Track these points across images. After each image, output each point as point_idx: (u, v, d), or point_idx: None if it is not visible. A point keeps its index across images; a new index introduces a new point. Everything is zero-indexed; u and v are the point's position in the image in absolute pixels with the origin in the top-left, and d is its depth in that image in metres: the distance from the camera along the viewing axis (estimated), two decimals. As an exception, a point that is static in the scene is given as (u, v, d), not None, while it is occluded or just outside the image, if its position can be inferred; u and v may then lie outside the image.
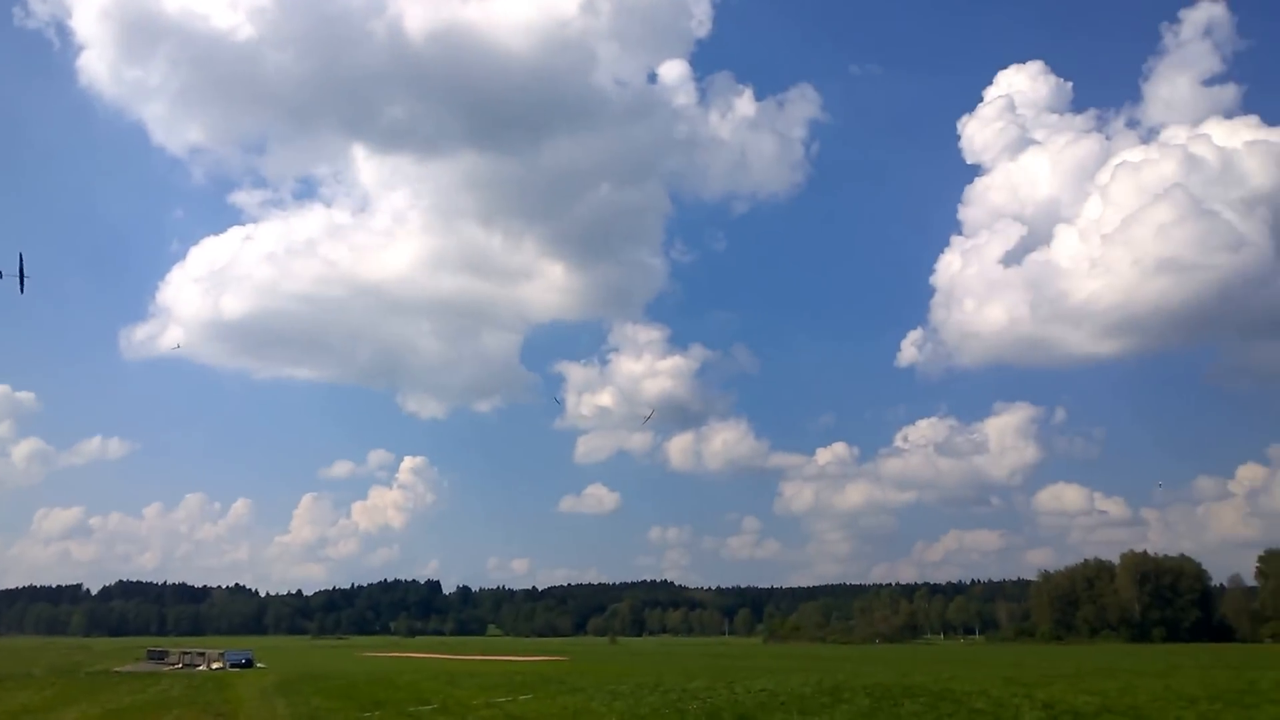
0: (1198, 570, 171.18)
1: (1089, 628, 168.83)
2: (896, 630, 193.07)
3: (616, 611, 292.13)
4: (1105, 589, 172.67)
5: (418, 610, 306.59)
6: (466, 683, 43.02)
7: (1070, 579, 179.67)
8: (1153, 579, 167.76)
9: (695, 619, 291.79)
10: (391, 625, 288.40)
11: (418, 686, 40.88)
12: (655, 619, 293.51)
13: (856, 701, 29.06)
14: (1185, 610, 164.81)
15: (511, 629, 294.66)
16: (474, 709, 29.97)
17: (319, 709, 31.79)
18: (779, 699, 30.36)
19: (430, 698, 34.54)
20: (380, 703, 32.92)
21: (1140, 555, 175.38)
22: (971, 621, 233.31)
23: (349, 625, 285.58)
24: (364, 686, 41.77)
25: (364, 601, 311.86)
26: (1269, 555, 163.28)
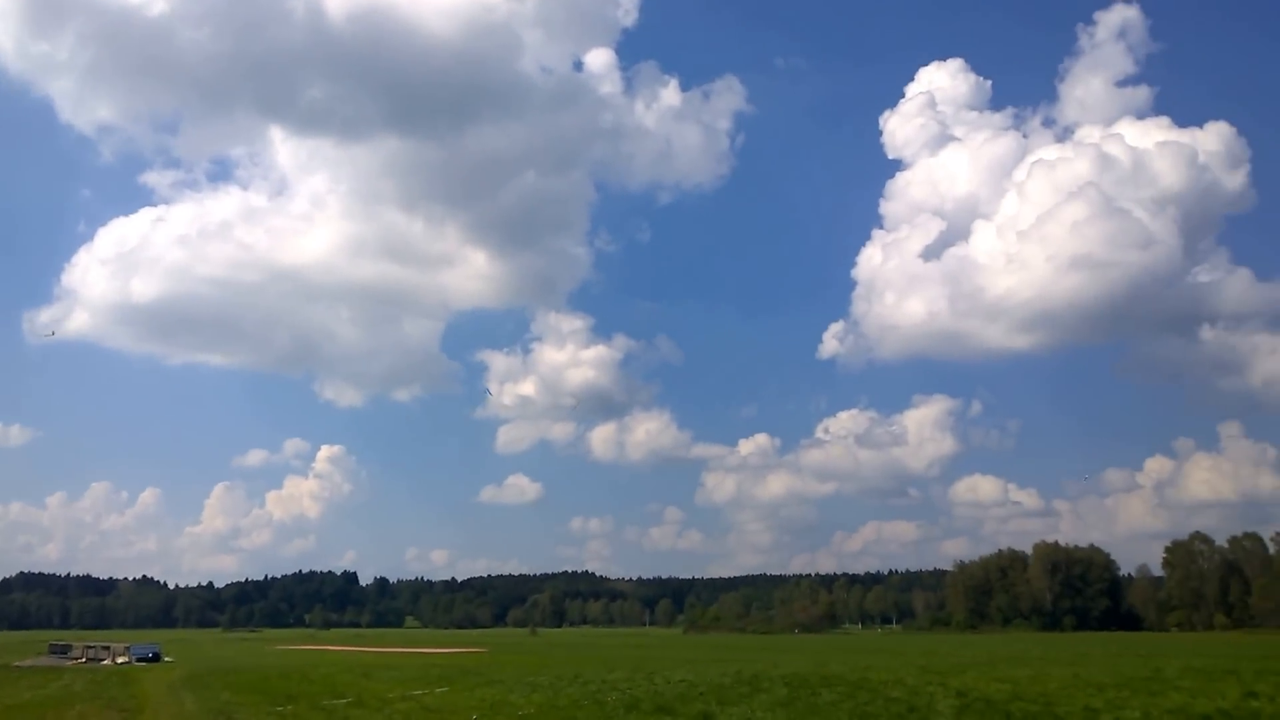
0: (1107, 560, 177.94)
1: (1002, 617, 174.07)
2: (815, 620, 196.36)
3: (537, 602, 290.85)
4: (1018, 579, 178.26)
5: (333, 602, 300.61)
6: (382, 675, 42.09)
7: (984, 569, 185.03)
8: (1063, 569, 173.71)
9: (616, 610, 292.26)
10: (306, 618, 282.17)
11: (332, 679, 39.84)
12: (576, 610, 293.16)
13: (774, 691, 29.16)
14: (1094, 599, 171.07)
15: (430, 621, 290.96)
16: (390, 702, 29.25)
17: (229, 703, 30.70)
18: (698, 689, 30.31)
19: (345, 691, 33.67)
20: (293, 696, 31.96)
21: (1052, 545, 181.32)
22: (889, 611, 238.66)
23: (262, 618, 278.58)
24: (276, 680, 40.55)
25: (278, 593, 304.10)
26: (1175, 546, 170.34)
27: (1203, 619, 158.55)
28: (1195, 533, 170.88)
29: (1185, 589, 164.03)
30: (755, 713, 23.81)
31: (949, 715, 22.62)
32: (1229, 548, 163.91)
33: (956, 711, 23.35)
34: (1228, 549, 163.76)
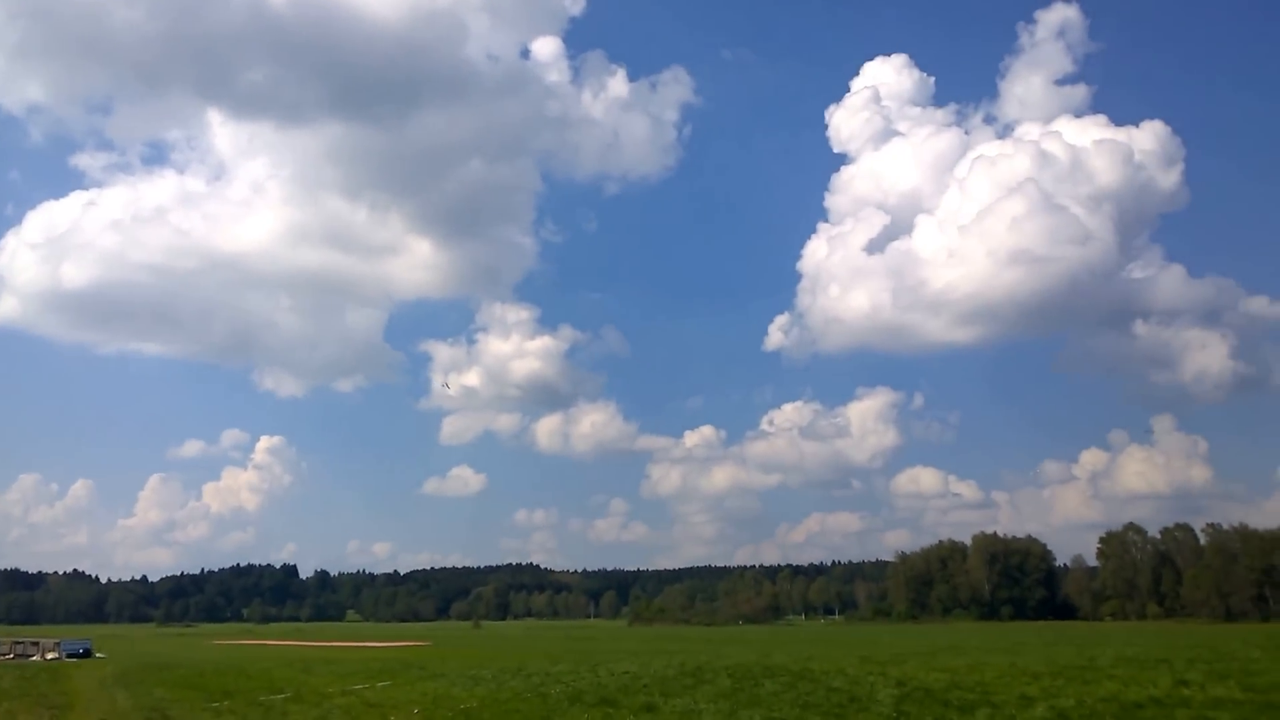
0: (1043, 551, 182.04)
1: (942, 607, 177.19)
2: (759, 611, 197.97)
3: (481, 595, 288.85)
4: (958, 569, 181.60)
5: (272, 596, 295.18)
6: (322, 670, 41.35)
7: (925, 560, 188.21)
8: (1001, 559, 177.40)
9: (561, 602, 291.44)
10: (244, 612, 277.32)
11: (270, 674, 39.01)
12: (520, 602, 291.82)
13: (718, 682, 29.21)
14: (1031, 589, 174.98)
15: (372, 614, 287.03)
16: (330, 697, 28.71)
17: (163, 700, 29.86)
18: (642, 681, 30.23)
19: (284, 686, 32.99)
20: (230, 692, 31.19)
21: (990, 536, 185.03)
22: (832, 602, 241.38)
23: (198, 612, 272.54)
24: (212, 675, 39.58)
25: (215, 587, 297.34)
26: (1109, 537, 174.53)
27: (1136, 608, 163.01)
28: (1129, 524, 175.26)
29: (1119, 579, 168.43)
30: (699, 704, 23.77)
31: (889, 704, 22.80)
32: (1161, 539, 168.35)
33: (896, 700, 23.55)
34: (1160, 540, 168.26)
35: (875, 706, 22.60)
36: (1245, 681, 27.43)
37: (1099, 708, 21.69)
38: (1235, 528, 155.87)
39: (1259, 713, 20.73)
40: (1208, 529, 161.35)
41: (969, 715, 20.89)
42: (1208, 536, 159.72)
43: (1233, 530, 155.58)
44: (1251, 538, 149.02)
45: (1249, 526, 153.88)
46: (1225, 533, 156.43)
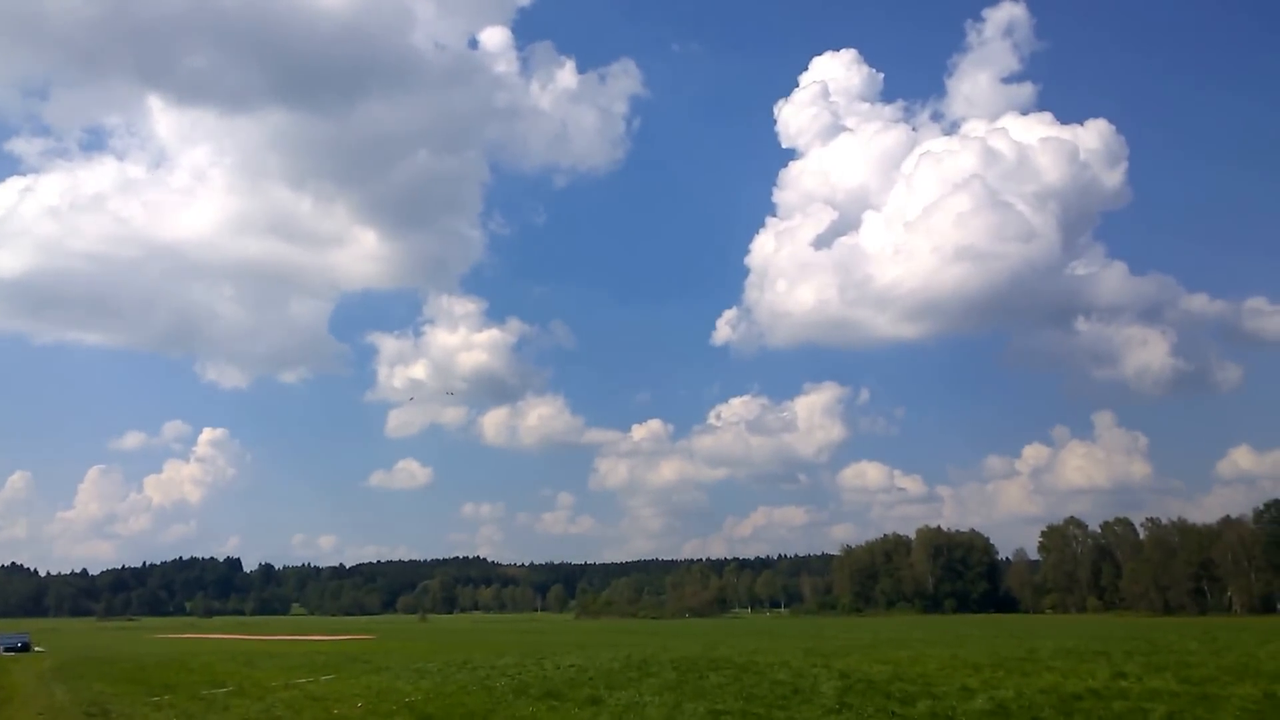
0: (986, 544, 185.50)
1: (886, 600, 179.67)
2: (706, 605, 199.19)
3: (427, 589, 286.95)
4: (902, 562, 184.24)
5: (216, 590, 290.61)
6: (265, 663, 40.62)
7: (870, 553, 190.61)
8: (945, 553, 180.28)
9: (508, 596, 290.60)
10: (187, 605, 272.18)
11: (212, 668, 38.26)
12: (467, 596, 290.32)
13: (663, 675, 29.13)
14: (974, 582, 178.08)
15: (317, 608, 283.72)
16: (273, 690, 28.17)
17: (102, 694, 29.13)
18: (587, 674, 30.07)
19: (226, 680, 32.37)
20: (171, 686, 30.55)
21: (934, 530, 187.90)
22: (777, 595, 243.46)
23: (140, 606, 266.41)
24: (153, 669, 38.73)
25: (157, 581, 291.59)
26: (1050, 531, 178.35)
27: (1076, 601, 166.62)
28: (1070, 518, 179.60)
29: (1059, 572, 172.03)
30: (644, 696, 23.63)
31: (832, 696, 22.84)
32: (1101, 533, 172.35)
33: (839, 692, 23.62)
34: (1100, 534, 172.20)
35: (818, 698, 22.63)
36: (1181, 674, 27.99)
37: (1038, 699, 21.93)
38: (1173, 522, 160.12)
39: (1194, 704, 21.10)
40: (1147, 523, 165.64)
41: (910, 706, 20.99)
42: (1147, 531, 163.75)
43: (1171, 525, 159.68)
44: (1189, 532, 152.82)
45: (1187, 521, 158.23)
46: (1164, 527, 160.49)
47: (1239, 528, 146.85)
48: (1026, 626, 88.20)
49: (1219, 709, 20.30)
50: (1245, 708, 20.35)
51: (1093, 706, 20.71)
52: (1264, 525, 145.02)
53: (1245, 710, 20.00)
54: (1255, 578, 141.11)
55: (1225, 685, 24.80)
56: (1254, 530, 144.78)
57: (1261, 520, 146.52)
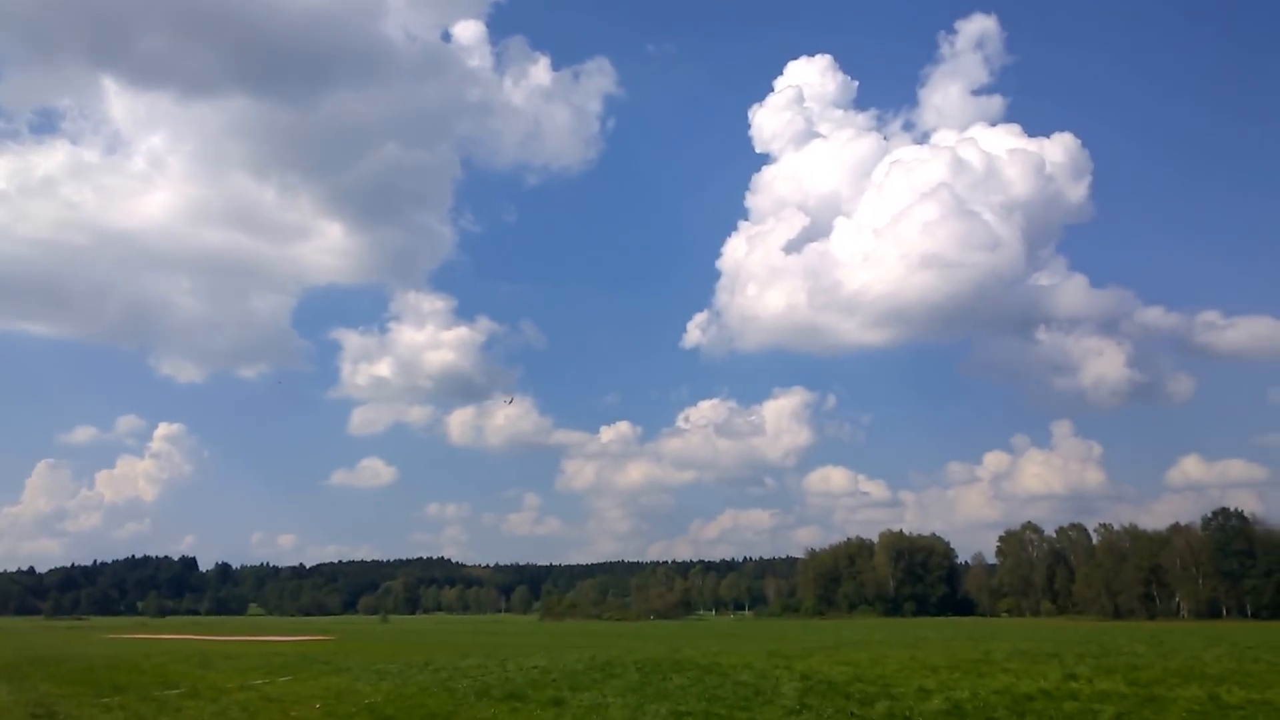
0: (946, 549, 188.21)
1: (849, 602, 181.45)
2: (671, 607, 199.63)
3: (390, 589, 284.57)
4: (865, 566, 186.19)
5: (170, 589, 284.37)
6: (220, 664, 39.97)
7: (833, 557, 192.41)
8: (906, 556, 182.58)
9: (472, 596, 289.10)
10: (139, 605, 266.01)
11: (165, 669, 37.53)
12: (431, 597, 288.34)
13: (627, 676, 29.26)
14: (934, 586, 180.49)
15: (275, 608, 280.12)
16: (227, 692, 27.76)
17: (48, 695, 28.42)
18: (550, 675, 30.10)
19: (179, 681, 31.79)
20: (121, 687, 29.87)
21: (896, 534, 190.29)
22: (742, 598, 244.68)
23: (90, 605, 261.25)
24: (103, 670, 37.91)
25: (108, 580, 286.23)
26: (1008, 536, 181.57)
27: (1031, 605, 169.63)
28: (1027, 523, 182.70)
29: (1015, 576, 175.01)
30: (607, 697, 23.76)
31: (793, 697, 23.14)
32: (1056, 538, 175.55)
33: (800, 694, 23.92)
34: (1055, 539, 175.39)
35: (779, 699, 22.91)
36: (1130, 676, 28.74)
37: (992, 699, 22.39)
38: (1125, 528, 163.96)
39: (1142, 706, 21.68)
40: (1100, 529, 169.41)
41: (869, 707, 21.34)
42: (1100, 536, 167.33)
43: (1123, 531, 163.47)
44: (1140, 538, 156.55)
45: (1138, 528, 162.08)
46: (1116, 533, 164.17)
47: (1187, 534, 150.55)
48: (983, 629, 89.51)
49: (1166, 711, 20.87)
50: (1190, 710, 20.95)
51: (1045, 707, 21.20)
52: (1211, 532, 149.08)
53: (1190, 712, 20.59)
54: (1202, 583, 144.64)
55: (1172, 688, 25.49)
56: (1202, 537, 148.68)
57: (1209, 527, 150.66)
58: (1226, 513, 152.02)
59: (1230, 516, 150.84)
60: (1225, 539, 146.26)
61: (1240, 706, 21.36)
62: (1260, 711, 20.62)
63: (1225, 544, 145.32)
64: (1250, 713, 20.47)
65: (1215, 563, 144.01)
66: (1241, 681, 27.18)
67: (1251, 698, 23.07)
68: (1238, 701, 22.26)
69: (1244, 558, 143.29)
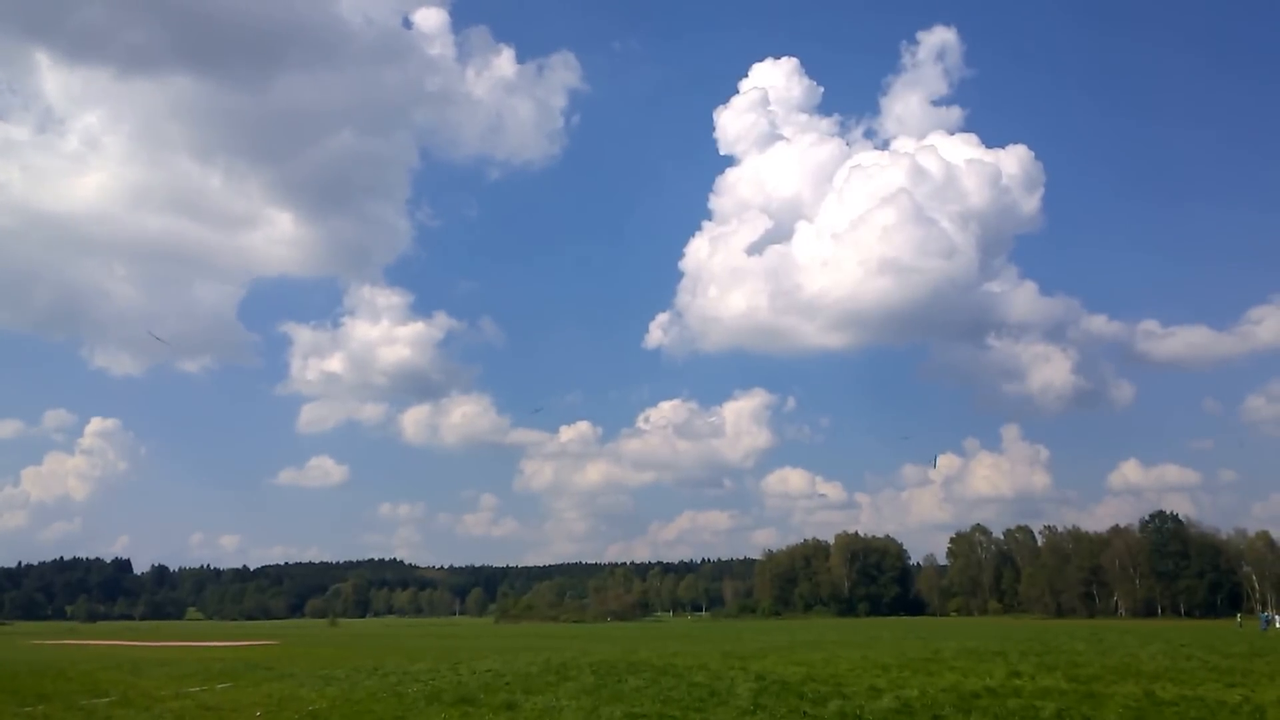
0: (899, 550, 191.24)
1: (804, 603, 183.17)
2: (628, 608, 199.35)
3: (339, 592, 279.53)
4: (820, 567, 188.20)
5: (102, 592, 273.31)
6: (154, 671, 38.80)
7: (790, 558, 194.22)
8: (861, 558, 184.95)
9: (425, 599, 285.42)
10: (68, 610, 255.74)
11: (94, 676, 36.31)
12: (382, 599, 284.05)
13: (582, 679, 29.14)
14: (887, 586, 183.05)
15: (216, 612, 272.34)
16: (161, 700, 26.87)
17: (-35, 705, 27.34)
18: (504, 679, 29.86)
19: (108, 689, 30.72)
20: (45, 696, 28.70)
21: (852, 536, 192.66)
22: (700, 599, 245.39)
23: (14, 610, 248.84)
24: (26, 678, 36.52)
25: (34, 583, 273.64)
26: (958, 538, 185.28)
27: (979, 604, 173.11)
28: (976, 525, 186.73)
29: (964, 577, 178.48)
30: (560, 700, 23.61)
31: (747, 698, 23.22)
32: (1004, 539, 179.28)
33: (754, 694, 24.02)
34: (1003, 540, 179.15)
35: (734, 700, 22.97)
36: (1070, 673, 29.41)
37: (940, 697, 22.69)
38: (1068, 530, 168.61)
39: (1081, 702, 22.13)
40: (1044, 531, 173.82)
41: (821, 706, 21.48)
42: (1044, 538, 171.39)
43: (1066, 533, 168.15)
44: (1082, 539, 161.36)
45: (1080, 529, 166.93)
46: (1059, 535, 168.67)
47: (1126, 536, 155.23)
48: (933, 628, 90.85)
49: (1103, 706, 21.31)
50: (1127, 705, 21.42)
51: (989, 704, 21.52)
52: (1148, 534, 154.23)
53: (1127, 708, 21.05)
54: (1139, 583, 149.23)
55: (1110, 684, 26.10)
56: (1139, 539, 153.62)
57: (1146, 530, 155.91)
58: (1163, 515, 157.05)
59: (1166, 519, 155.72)
60: (1161, 541, 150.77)
61: (1174, 703, 21.90)
62: (1192, 707, 21.14)
63: (1161, 545, 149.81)
64: (1183, 709, 20.98)
65: (1152, 563, 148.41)
66: (1175, 678, 27.93)
67: (1184, 694, 23.71)
68: (1171, 698, 22.83)
69: (1178, 559, 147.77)
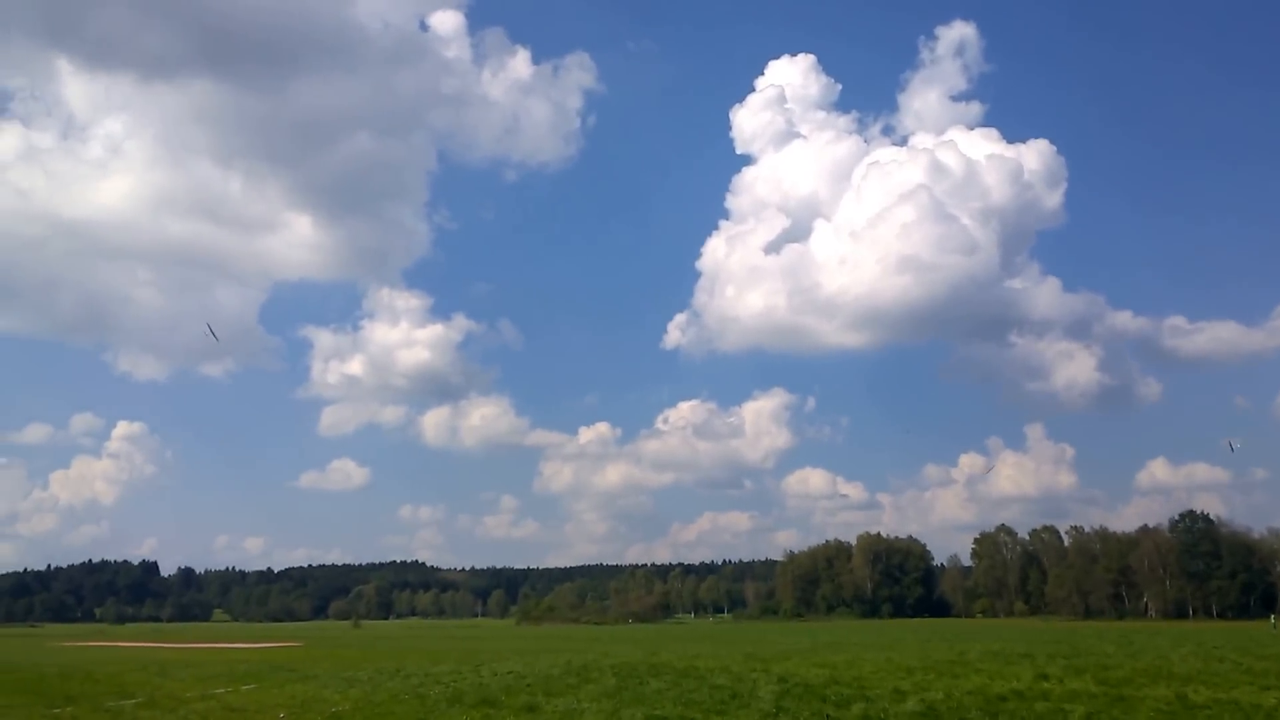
0: (923, 551, 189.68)
1: (827, 604, 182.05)
2: (650, 610, 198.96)
3: (362, 594, 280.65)
4: (842, 568, 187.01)
5: (129, 595, 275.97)
6: (180, 673, 39.15)
7: (812, 559, 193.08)
8: (883, 559, 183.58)
9: (447, 601, 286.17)
10: (97, 612, 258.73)
11: (121, 678, 36.67)
12: (404, 601, 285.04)
13: (603, 681, 29.03)
14: (910, 587, 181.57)
15: (241, 614, 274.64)
16: (186, 701, 27.11)
17: (-5, 707, 27.63)
18: (525, 681, 29.82)
19: (135, 690, 31.03)
20: (73, 698, 29.01)
21: (874, 537, 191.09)
22: (721, 601, 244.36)
23: (43, 612, 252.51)
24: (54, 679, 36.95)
25: (63, 585, 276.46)
26: (982, 538, 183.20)
27: (1004, 606, 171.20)
28: (1001, 525, 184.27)
29: (990, 578, 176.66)
30: (582, 703, 23.52)
31: (769, 701, 23.02)
32: (1029, 540, 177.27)
33: (777, 696, 23.81)
34: (1028, 541, 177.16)
35: (756, 703, 22.77)
36: (1100, 675, 28.93)
37: (965, 700, 22.39)
38: (1095, 530, 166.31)
39: (1111, 705, 21.76)
40: (1071, 531, 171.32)
41: (845, 709, 21.25)
42: (1071, 538, 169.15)
43: (1093, 533, 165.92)
44: (1110, 540, 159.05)
45: (1108, 529, 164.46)
46: (1086, 535, 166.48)
47: (1155, 536, 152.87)
48: (958, 630, 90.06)
49: (1134, 710, 20.95)
50: (1159, 709, 21.04)
51: (1017, 707, 21.21)
52: (1178, 534, 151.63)
53: (1158, 711, 20.68)
54: (1170, 584, 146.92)
55: (1140, 687, 25.67)
56: (1169, 539, 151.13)
57: (1176, 530, 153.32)
58: (1193, 515, 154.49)
59: (1196, 519, 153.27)
60: (1192, 541, 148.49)
61: (1206, 706, 21.49)
62: (1225, 711, 20.74)
63: (1192, 546, 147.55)
64: (1216, 712, 20.58)
65: (1182, 564, 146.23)
66: (1208, 681, 27.41)
67: (1218, 697, 23.26)
68: (1204, 701, 22.41)
69: (1210, 559, 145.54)
